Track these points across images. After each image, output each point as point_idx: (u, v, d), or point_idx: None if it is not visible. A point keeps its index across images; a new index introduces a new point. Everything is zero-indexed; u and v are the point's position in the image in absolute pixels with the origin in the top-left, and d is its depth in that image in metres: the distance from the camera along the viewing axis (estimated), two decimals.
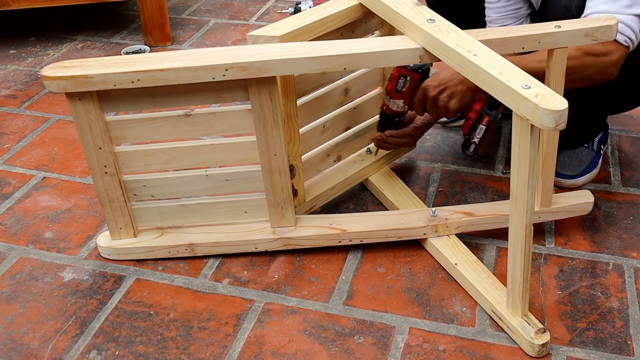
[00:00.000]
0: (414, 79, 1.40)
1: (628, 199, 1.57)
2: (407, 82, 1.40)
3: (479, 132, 1.39)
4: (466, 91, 1.36)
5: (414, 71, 1.39)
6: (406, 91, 1.42)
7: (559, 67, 1.25)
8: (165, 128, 1.30)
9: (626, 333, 1.24)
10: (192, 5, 2.74)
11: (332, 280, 1.37)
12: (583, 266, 1.39)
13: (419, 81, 1.40)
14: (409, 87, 1.41)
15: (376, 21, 1.44)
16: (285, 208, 1.40)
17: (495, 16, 1.61)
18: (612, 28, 1.21)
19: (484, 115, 1.38)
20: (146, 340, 1.24)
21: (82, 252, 1.46)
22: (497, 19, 1.61)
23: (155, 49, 2.36)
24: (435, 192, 1.61)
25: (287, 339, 1.24)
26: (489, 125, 1.38)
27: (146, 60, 1.21)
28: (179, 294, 1.35)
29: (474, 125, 1.39)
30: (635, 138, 1.79)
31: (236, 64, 1.19)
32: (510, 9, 1.58)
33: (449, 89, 1.36)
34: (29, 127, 1.92)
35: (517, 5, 1.58)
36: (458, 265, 1.34)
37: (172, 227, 1.44)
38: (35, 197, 1.63)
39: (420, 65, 1.38)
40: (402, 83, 1.41)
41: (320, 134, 1.48)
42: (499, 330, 1.24)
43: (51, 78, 1.19)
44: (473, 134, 1.40)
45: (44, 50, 2.37)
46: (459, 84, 1.35)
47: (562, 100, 0.99)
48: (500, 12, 1.59)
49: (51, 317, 1.30)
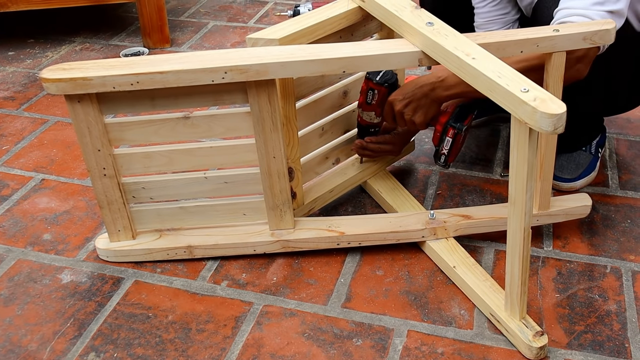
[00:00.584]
0: (381, 92, 1.42)
1: (626, 202, 1.57)
2: (375, 96, 1.43)
3: (446, 144, 1.42)
4: (430, 104, 1.36)
5: (380, 85, 1.41)
6: (375, 104, 1.44)
7: (558, 71, 1.25)
8: (164, 130, 1.30)
9: (624, 336, 1.24)
10: (190, 7, 2.74)
11: (330, 283, 1.37)
12: (581, 269, 1.39)
13: (386, 94, 1.42)
14: (377, 100, 1.43)
15: (375, 24, 1.45)
16: (284, 210, 1.40)
17: (481, 21, 1.60)
18: (610, 32, 1.21)
19: (449, 128, 1.40)
20: (144, 343, 1.24)
21: (80, 254, 1.46)
22: (484, 24, 1.60)
23: (154, 51, 2.36)
24: (433, 194, 1.61)
25: (285, 342, 1.24)
26: (455, 137, 1.41)
27: (145, 62, 1.21)
28: (177, 296, 1.35)
29: (441, 137, 1.42)
30: (633, 141, 1.79)
31: (235, 67, 1.19)
32: (497, 13, 1.57)
33: (413, 102, 1.37)
34: (28, 129, 1.92)
35: (504, 10, 1.57)
36: (456, 268, 1.34)
37: (171, 229, 1.44)
38: (33, 199, 1.63)
39: (387, 78, 1.41)
40: (371, 96, 1.43)
41: (319, 137, 1.48)
42: (497, 333, 1.25)
43: (50, 80, 1.19)
44: (441, 145, 1.43)
45: (43, 52, 2.37)
46: (422, 97, 1.36)
47: (561, 104, 0.99)
48: (486, 17, 1.58)
49: (49, 319, 1.30)
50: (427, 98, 1.35)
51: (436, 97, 1.35)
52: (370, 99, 1.43)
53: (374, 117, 1.46)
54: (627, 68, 1.46)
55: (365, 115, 1.47)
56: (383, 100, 1.43)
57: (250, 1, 2.79)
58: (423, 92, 1.35)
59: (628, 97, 1.56)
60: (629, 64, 1.46)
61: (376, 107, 1.44)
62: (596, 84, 1.44)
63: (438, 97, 1.35)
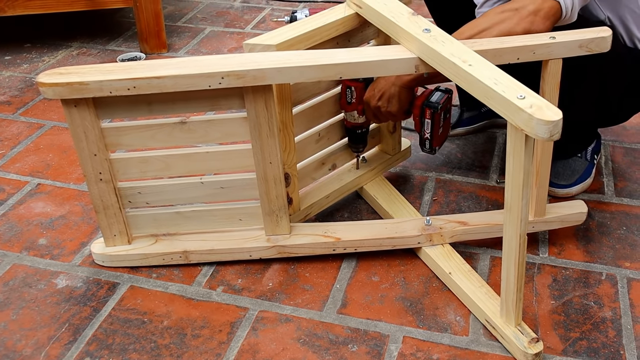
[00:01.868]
0: (358, 88, 1.43)
1: (621, 209, 1.58)
2: (353, 93, 1.44)
3: (426, 127, 1.42)
4: (400, 91, 1.38)
5: (355, 80, 1.43)
6: (356, 101, 1.45)
7: (554, 79, 1.26)
8: (161, 135, 1.30)
9: (619, 343, 1.24)
10: (188, 13, 2.74)
11: (326, 289, 1.37)
12: (576, 276, 1.39)
13: (363, 89, 1.44)
14: (356, 97, 1.44)
15: (372, 30, 1.45)
16: (280, 216, 1.40)
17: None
18: (607, 39, 1.22)
19: (425, 109, 1.41)
20: (140, 348, 1.24)
21: (76, 259, 1.45)
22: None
23: (151, 57, 2.36)
24: (429, 201, 1.61)
25: (280, 347, 1.24)
26: (433, 117, 1.41)
27: (142, 67, 1.21)
28: (173, 301, 1.34)
29: (420, 121, 1.43)
30: (629, 149, 1.80)
31: (232, 72, 1.19)
32: None
33: (385, 93, 1.40)
34: (24, 133, 1.92)
35: None
36: (452, 274, 1.34)
37: (167, 234, 1.44)
38: (29, 204, 1.63)
39: None
40: (350, 95, 1.44)
41: (315, 143, 1.48)
42: (492, 339, 1.25)
43: (47, 84, 1.19)
44: (423, 129, 1.43)
45: (39, 57, 2.37)
46: (391, 86, 1.38)
47: (557, 111, 0.99)
48: None
49: (44, 324, 1.29)
50: (394, 86, 1.38)
51: (401, 83, 1.37)
52: (349, 97, 1.44)
53: (358, 117, 1.47)
54: (619, 82, 1.47)
55: (349, 117, 1.48)
56: (361, 96, 1.44)
57: (248, 7, 2.79)
58: (390, 81, 1.39)
59: (619, 110, 1.57)
60: (621, 78, 1.47)
61: (356, 104, 1.45)
62: (588, 96, 1.45)
63: (403, 82, 1.37)
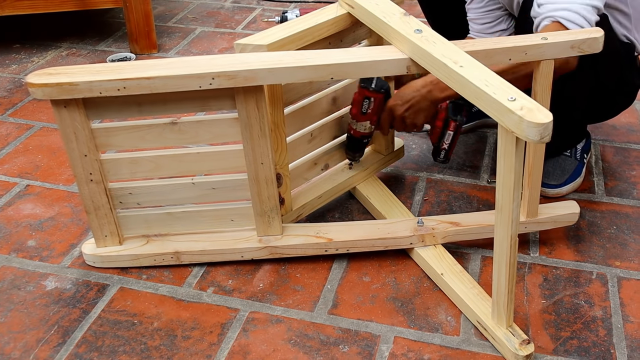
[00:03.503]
0: (377, 100, 1.43)
1: (611, 209, 1.58)
2: (371, 104, 1.44)
3: (447, 138, 1.47)
4: (430, 106, 1.42)
5: (377, 92, 1.42)
6: (372, 112, 1.45)
7: (546, 79, 1.26)
8: (151, 136, 1.29)
9: (609, 342, 1.24)
10: (178, 13, 2.73)
11: (317, 289, 1.37)
12: (567, 275, 1.40)
13: (382, 101, 1.44)
14: (374, 108, 1.44)
15: (364, 31, 1.45)
16: (272, 217, 1.39)
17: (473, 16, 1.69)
18: (598, 40, 1.22)
19: (450, 122, 1.45)
20: (129, 350, 1.23)
21: (65, 260, 1.45)
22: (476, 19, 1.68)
23: (141, 57, 2.35)
24: (420, 201, 1.61)
25: (271, 348, 1.23)
26: (456, 130, 1.46)
27: (132, 68, 1.21)
28: (163, 303, 1.34)
29: (442, 133, 1.47)
30: (619, 148, 1.81)
31: (223, 73, 1.18)
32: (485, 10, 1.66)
33: (414, 106, 1.42)
34: (13, 134, 1.91)
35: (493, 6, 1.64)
36: (444, 275, 1.34)
37: (158, 235, 1.43)
38: (18, 205, 1.62)
39: (381, 84, 1.43)
40: (367, 105, 1.44)
41: (307, 143, 1.48)
42: (483, 339, 1.25)
43: (36, 85, 1.18)
44: (442, 140, 1.48)
45: (29, 58, 2.36)
46: (422, 100, 1.42)
47: (547, 113, 0.99)
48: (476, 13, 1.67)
49: (33, 326, 1.29)
50: (426, 100, 1.41)
51: (433, 99, 1.41)
52: (365, 108, 1.44)
53: (368, 127, 1.47)
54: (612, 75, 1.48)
55: (360, 127, 1.47)
56: (379, 107, 1.44)
57: (238, 7, 2.79)
58: (422, 94, 1.41)
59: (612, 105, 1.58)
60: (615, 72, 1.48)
61: (372, 115, 1.45)
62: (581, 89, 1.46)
63: (435, 98, 1.41)
